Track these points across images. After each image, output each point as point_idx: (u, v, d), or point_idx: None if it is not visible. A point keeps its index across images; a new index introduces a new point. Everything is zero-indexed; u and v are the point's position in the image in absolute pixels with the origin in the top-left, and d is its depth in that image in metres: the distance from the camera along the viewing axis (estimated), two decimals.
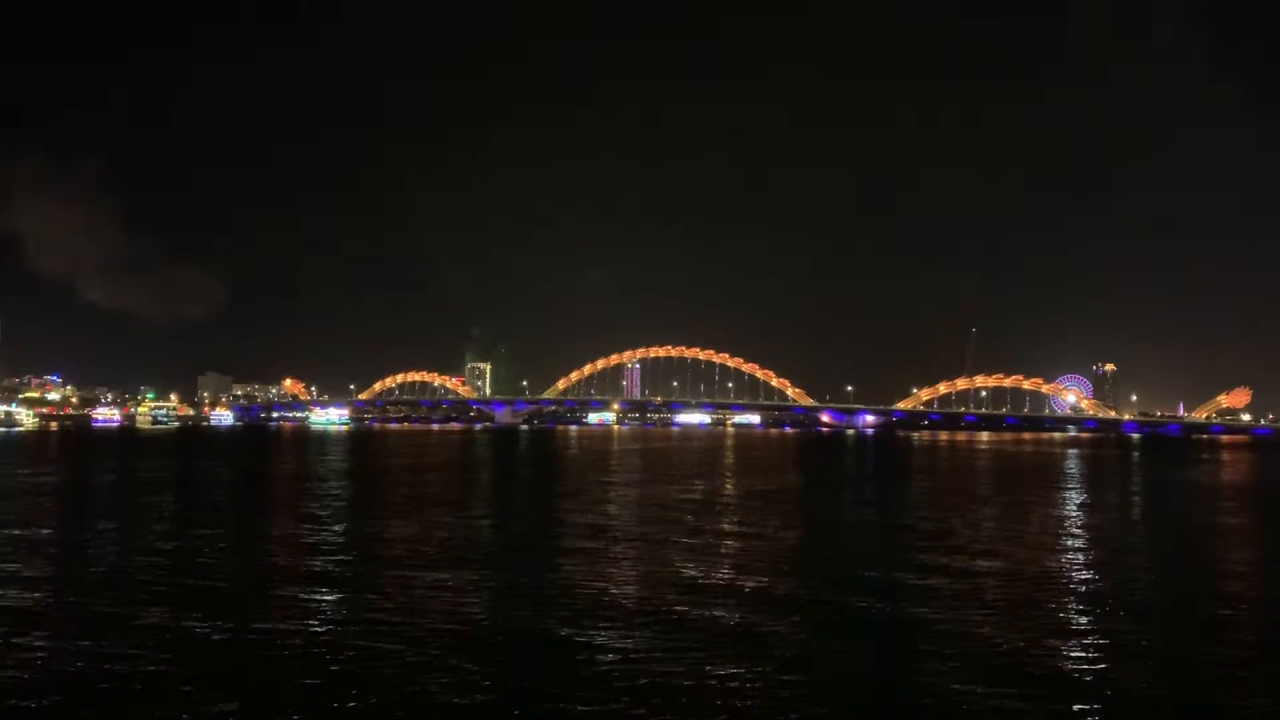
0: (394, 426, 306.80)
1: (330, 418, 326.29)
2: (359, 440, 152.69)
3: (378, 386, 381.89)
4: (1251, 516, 46.03)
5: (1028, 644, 17.48)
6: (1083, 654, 17.01)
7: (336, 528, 34.25)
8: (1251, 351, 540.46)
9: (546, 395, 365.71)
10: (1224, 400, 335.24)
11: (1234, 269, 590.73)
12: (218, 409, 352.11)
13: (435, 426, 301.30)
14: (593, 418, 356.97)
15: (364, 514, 39.74)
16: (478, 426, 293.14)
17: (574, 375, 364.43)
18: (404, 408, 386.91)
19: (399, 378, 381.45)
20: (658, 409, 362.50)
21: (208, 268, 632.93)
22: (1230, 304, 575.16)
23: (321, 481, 57.93)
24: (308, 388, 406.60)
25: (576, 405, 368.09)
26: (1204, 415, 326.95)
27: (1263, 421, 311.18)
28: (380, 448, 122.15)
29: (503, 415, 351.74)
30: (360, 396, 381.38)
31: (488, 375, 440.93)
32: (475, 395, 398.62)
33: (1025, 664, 16.21)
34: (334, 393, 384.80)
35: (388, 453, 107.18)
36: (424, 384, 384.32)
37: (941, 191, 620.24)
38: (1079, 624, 19.44)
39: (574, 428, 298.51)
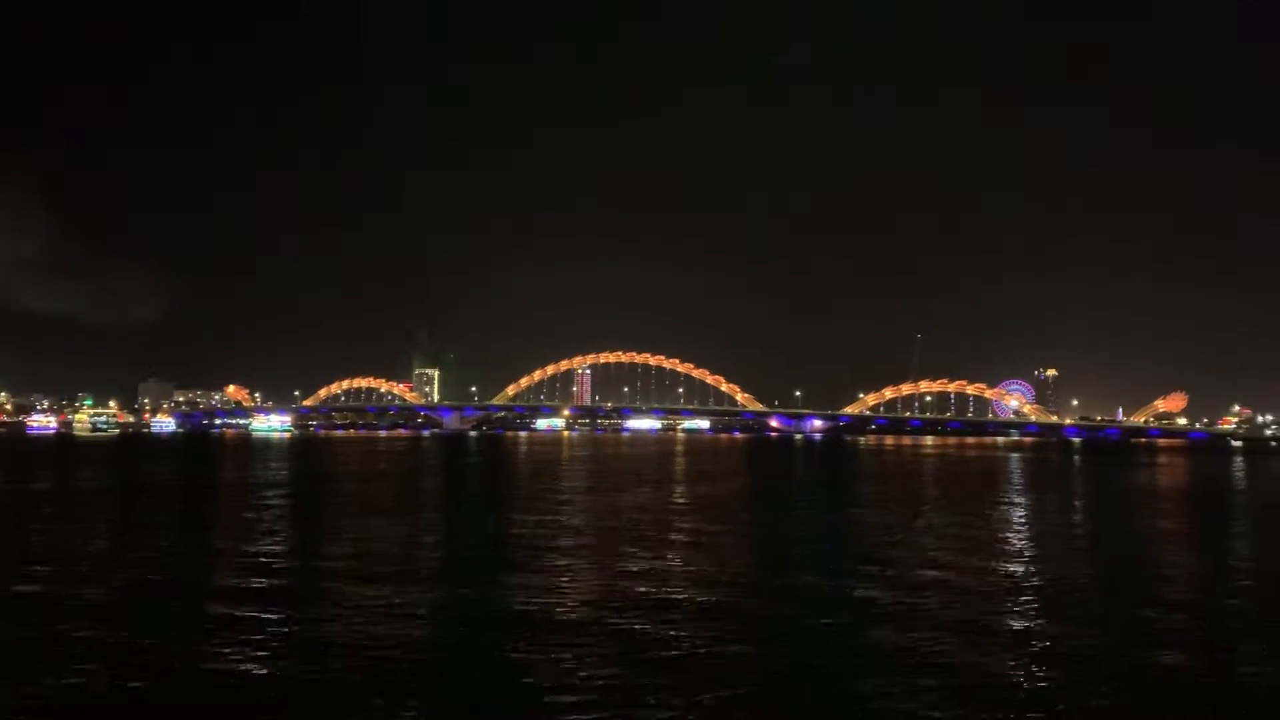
0: (339, 433, 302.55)
1: (273, 425, 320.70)
2: (302, 448, 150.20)
3: (323, 393, 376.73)
4: (1189, 520, 46.90)
5: (971, 652, 17.42)
6: (1027, 663, 16.98)
7: (267, 542, 33.30)
8: (1188, 357, 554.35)
9: (496, 401, 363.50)
10: (1161, 405, 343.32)
11: (1182, 277, 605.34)
12: (159, 416, 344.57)
13: (382, 433, 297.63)
14: (542, 424, 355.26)
15: (300, 525, 38.82)
16: (426, 433, 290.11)
17: (524, 381, 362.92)
18: (350, 414, 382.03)
19: (345, 384, 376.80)
20: (608, 415, 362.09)
21: (150, 271, 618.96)
22: (1170, 311, 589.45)
23: (259, 491, 56.69)
24: (251, 394, 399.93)
25: (526, 411, 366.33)
26: (1142, 420, 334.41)
27: (1198, 425, 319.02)
28: (323, 455, 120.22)
29: (451, 421, 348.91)
30: (305, 403, 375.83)
31: (436, 381, 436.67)
32: (423, 401, 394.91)
33: (967, 672, 16.11)
34: (279, 399, 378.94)
35: (331, 460, 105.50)
36: (370, 390, 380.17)
37: (894, 198, 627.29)
38: (1021, 630, 19.45)
39: (523, 434, 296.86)
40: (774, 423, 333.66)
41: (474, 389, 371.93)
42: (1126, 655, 17.57)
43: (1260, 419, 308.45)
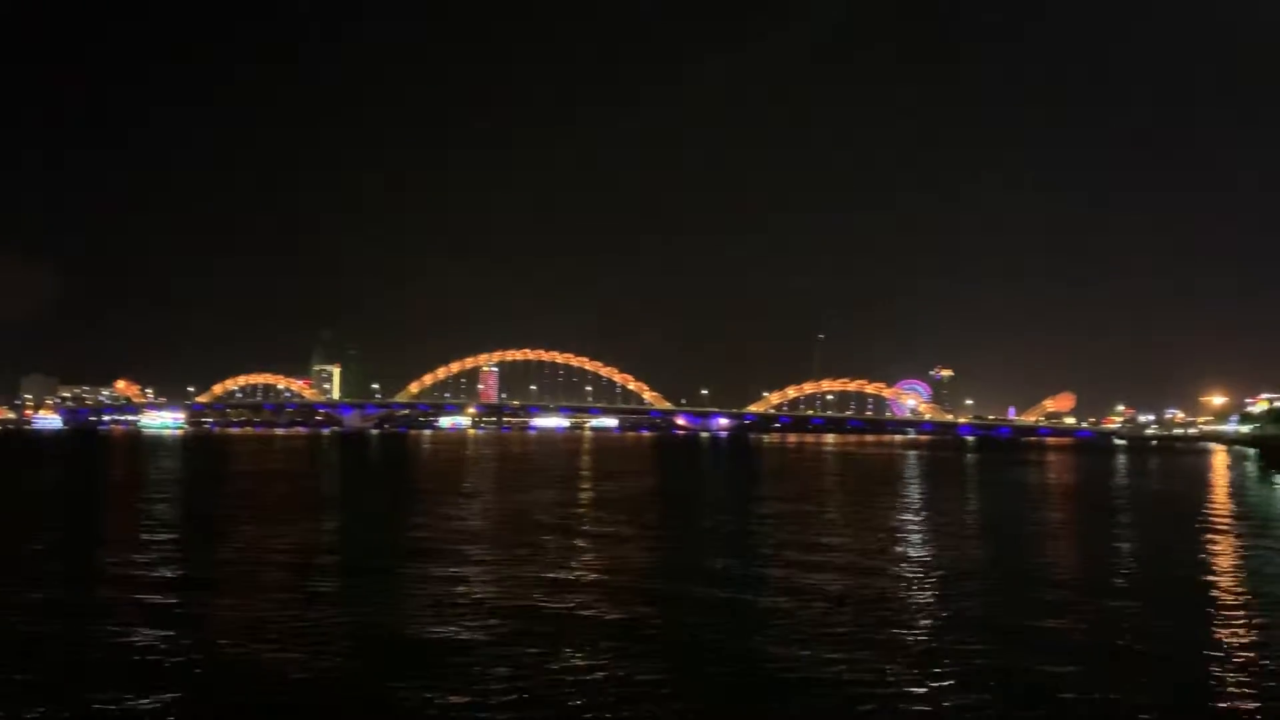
0: (235, 431, 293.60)
1: (165, 421, 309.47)
2: (194, 445, 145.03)
3: (218, 389, 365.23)
4: (1071, 511, 48.50)
5: (867, 659, 17.54)
6: (919, 665, 17.16)
7: (144, 550, 31.82)
8: (1079, 358, 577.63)
9: (399, 399, 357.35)
10: (1050, 404, 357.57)
11: (1064, 278, 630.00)
12: (42, 412, 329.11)
13: (279, 431, 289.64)
14: (445, 422, 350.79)
15: (174, 530, 37.24)
16: (325, 431, 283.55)
17: (428, 378, 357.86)
18: (245, 411, 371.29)
19: (241, 380, 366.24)
20: (514, 413, 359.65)
21: (34, 261, 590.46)
22: (1058, 312, 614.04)
23: (144, 491, 54.39)
24: (143, 389, 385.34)
25: (430, 409, 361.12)
26: (1032, 418, 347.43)
27: (1085, 424, 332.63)
28: (216, 453, 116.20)
29: (352, 419, 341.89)
30: (199, 399, 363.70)
31: (336, 378, 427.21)
32: (323, 399, 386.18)
33: (865, 681, 16.19)
34: (172, 395, 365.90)
35: (225, 458, 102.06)
36: (268, 387, 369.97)
37: (798, 202, 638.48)
38: (914, 635, 19.70)
39: (427, 432, 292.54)
40: (681, 421, 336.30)
41: (376, 386, 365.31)
42: (1005, 618, 18.01)
43: (1141, 418, 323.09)
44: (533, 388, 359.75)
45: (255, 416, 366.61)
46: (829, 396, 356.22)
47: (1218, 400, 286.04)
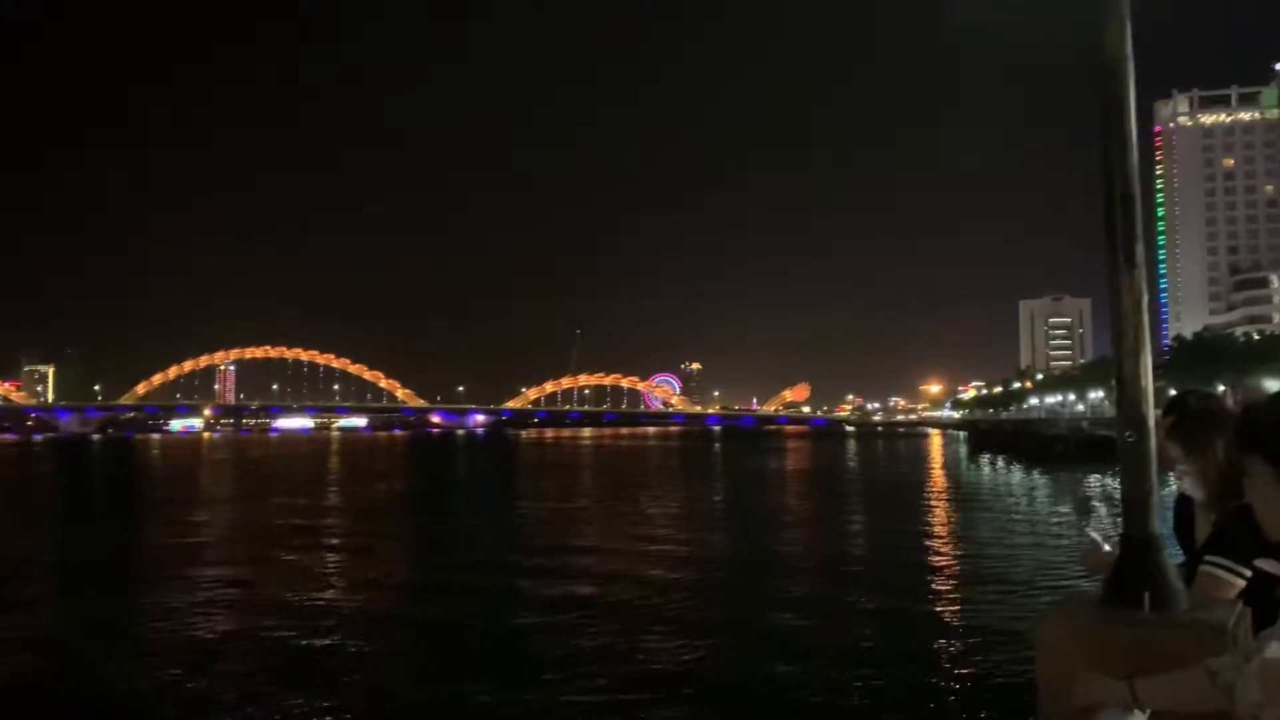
0: None
1: None
2: None
3: None
4: (813, 497, 51.46)
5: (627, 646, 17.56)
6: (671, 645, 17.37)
7: None
8: (814, 350, 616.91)
9: (124, 401, 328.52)
10: (788, 395, 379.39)
11: (802, 276, 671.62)
12: None
13: None
14: (177, 424, 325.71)
15: None
16: (37, 437, 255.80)
17: (157, 379, 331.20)
18: None
19: None
20: (255, 414, 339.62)
21: None
22: (802, 305, 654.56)
23: None
24: None
25: (159, 411, 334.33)
26: (773, 408, 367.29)
27: (819, 413, 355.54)
28: None
29: (70, 424, 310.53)
30: None
31: (51, 380, 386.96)
32: (35, 402, 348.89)
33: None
34: None
35: None
36: None
37: (555, 204, 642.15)
38: (667, 614, 19.99)
39: (156, 436, 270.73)
40: (435, 418, 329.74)
41: (98, 388, 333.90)
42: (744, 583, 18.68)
43: (869, 406, 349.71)
44: (274, 387, 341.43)
45: None
46: (586, 391, 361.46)
47: (934, 389, 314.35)
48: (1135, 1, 3.15)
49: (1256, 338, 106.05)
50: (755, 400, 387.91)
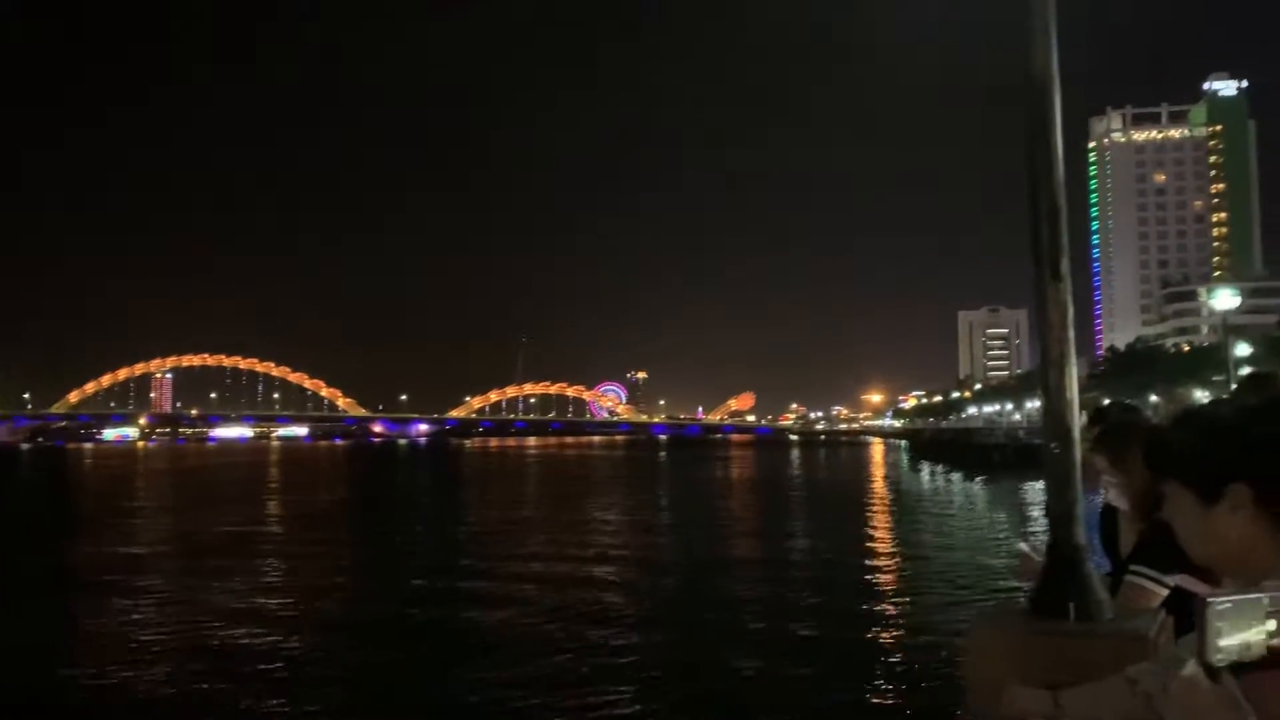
0: None
1: None
2: None
3: None
4: (758, 504, 51.71)
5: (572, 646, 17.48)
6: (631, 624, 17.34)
7: None
8: (760, 359, 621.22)
9: (55, 410, 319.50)
10: (733, 404, 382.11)
11: (749, 284, 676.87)
12: None
13: None
14: (110, 433, 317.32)
15: None
16: None
17: (90, 387, 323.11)
18: None
19: None
20: (193, 423, 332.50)
21: None
22: (746, 316, 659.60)
23: None
24: None
25: (93, 420, 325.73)
26: (718, 417, 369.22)
27: (763, 421, 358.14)
28: None
29: None
30: None
31: None
32: None
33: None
34: None
35: None
36: None
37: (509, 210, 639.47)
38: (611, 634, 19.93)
39: (89, 445, 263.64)
40: (378, 428, 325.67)
41: (28, 395, 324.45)
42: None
43: (812, 415, 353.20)
44: (213, 395, 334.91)
45: None
46: (532, 400, 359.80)
47: (876, 398, 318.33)
48: (1069, 23, 3.18)
49: (1186, 349, 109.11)
50: (701, 409, 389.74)
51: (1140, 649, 2.28)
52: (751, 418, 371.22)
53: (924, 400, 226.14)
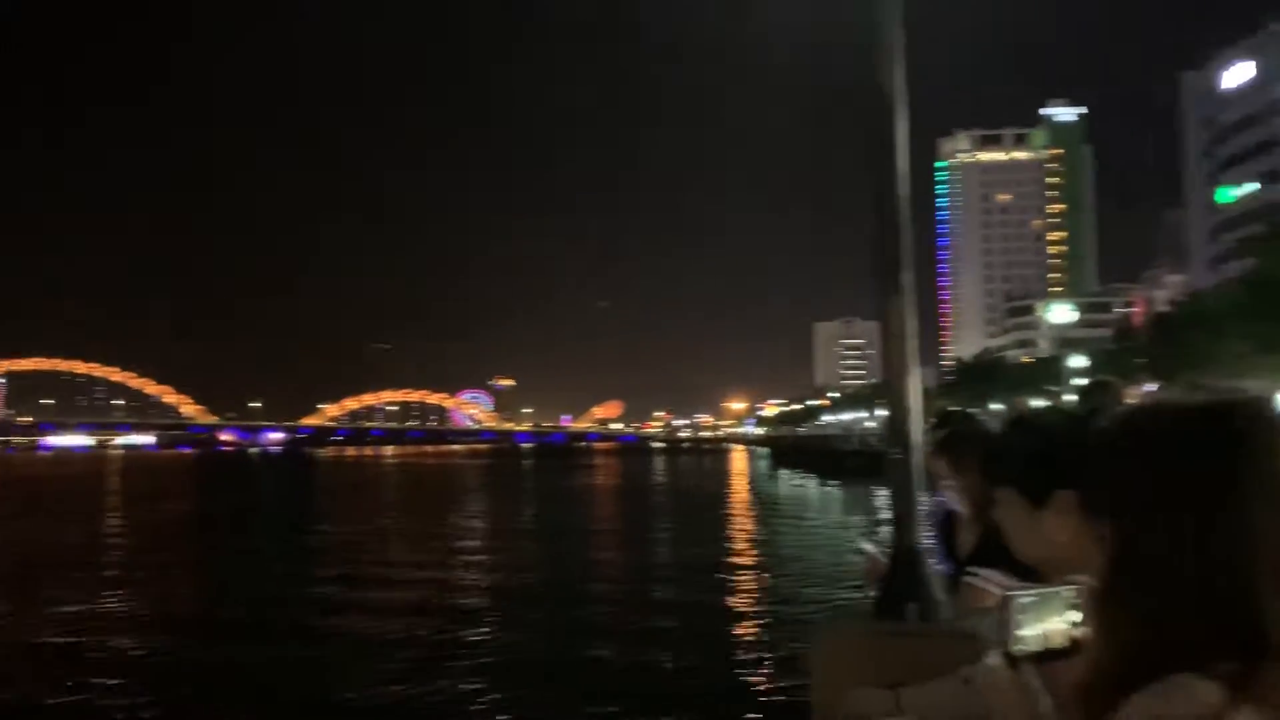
0: None
1: None
2: None
3: None
4: (621, 512, 51.99)
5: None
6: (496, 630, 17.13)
7: None
8: (624, 367, 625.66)
9: None
10: (599, 411, 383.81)
11: (616, 292, 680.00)
12: None
13: None
14: None
15: None
16: None
17: None
18: None
19: None
20: (24, 431, 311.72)
21: None
22: (615, 323, 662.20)
23: None
24: None
25: None
26: (584, 425, 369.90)
27: (629, 429, 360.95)
28: None
29: None
30: None
31: None
32: None
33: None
34: None
35: None
36: None
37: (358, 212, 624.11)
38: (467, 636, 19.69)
39: None
40: (227, 436, 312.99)
41: None
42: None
43: (676, 423, 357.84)
44: (51, 401, 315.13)
45: None
46: (391, 408, 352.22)
47: (738, 406, 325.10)
48: (916, 41, 3.29)
49: (1026, 360, 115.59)
50: (567, 418, 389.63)
51: (976, 648, 2.47)
52: (618, 425, 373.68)
53: (785, 408, 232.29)
